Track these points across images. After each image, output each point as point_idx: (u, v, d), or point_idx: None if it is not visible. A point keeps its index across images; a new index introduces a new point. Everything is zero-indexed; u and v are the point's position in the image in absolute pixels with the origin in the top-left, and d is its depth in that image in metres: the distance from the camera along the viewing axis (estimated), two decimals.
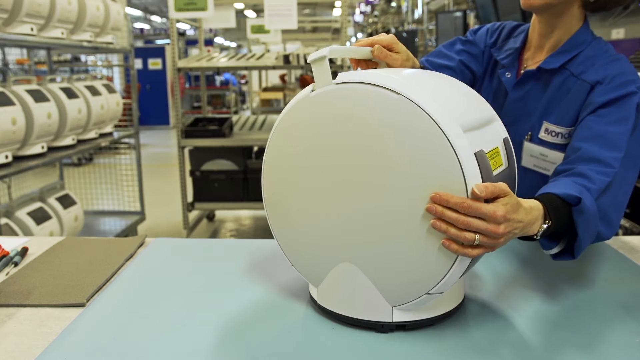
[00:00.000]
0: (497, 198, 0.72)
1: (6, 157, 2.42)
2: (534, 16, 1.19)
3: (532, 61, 1.19)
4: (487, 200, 0.72)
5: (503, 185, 0.73)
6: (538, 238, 0.83)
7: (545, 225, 0.81)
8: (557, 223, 0.84)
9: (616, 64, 1.09)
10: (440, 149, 0.71)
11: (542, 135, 1.14)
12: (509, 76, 1.20)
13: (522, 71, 1.20)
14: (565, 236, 0.91)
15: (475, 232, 0.71)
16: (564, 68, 1.12)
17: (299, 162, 0.83)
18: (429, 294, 0.77)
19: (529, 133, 1.17)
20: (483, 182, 0.72)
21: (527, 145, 1.16)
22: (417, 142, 0.72)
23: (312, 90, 0.81)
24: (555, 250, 0.92)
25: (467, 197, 0.71)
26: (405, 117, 0.72)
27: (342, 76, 0.78)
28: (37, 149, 2.63)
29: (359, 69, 0.98)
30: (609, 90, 1.04)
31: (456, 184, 0.71)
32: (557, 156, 1.12)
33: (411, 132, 0.72)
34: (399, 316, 0.81)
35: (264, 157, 0.89)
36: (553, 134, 1.12)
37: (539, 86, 1.16)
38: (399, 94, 0.73)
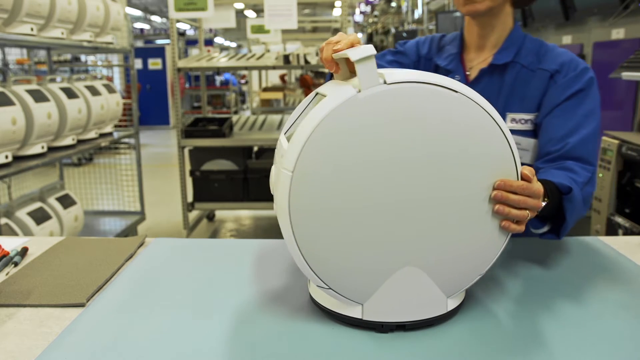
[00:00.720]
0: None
1: (6, 157, 2.42)
2: (467, 21, 1.27)
3: (477, 61, 1.27)
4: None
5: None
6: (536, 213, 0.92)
7: (544, 203, 0.90)
8: (550, 205, 0.97)
9: (564, 53, 1.21)
10: (498, 141, 0.78)
11: (509, 125, 1.22)
12: (458, 78, 1.25)
13: (468, 72, 1.28)
14: (553, 219, 1.05)
15: (527, 209, 0.82)
16: (513, 62, 1.22)
17: (352, 171, 0.75)
18: (480, 274, 0.84)
19: None
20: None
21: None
22: (478, 136, 0.77)
23: (359, 91, 0.74)
24: (543, 230, 1.06)
25: (518, 179, 0.80)
26: (466, 113, 0.76)
27: (390, 76, 0.75)
28: (37, 149, 2.63)
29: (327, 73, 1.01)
30: (571, 81, 1.16)
31: (511, 170, 0.80)
32: (530, 142, 1.21)
33: (472, 127, 0.76)
34: (451, 304, 0.84)
35: (289, 171, 0.75)
36: (522, 121, 1.21)
37: (493, 82, 1.23)
38: (457, 92, 0.75)
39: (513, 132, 1.19)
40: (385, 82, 0.74)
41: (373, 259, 0.79)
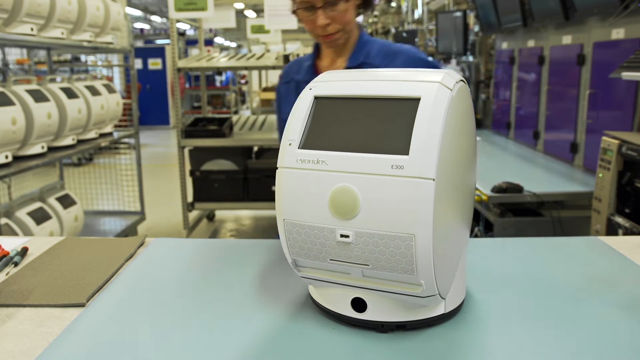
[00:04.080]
0: None
1: (6, 157, 2.42)
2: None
3: (332, 68, 1.41)
4: None
5: None
6: None
7: None
8: None
9: (410, 54, 1.36)
10: None
11: None
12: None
13: None
14: None
15: None
16: (365, 63, 1.37)
17: (453, 162, 0.78)
18: None
19: None
20: None
21: None
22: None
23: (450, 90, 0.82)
24: None
25: None
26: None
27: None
28: (37, 149, 2.63)
29: None
30: None
31: None
32: None
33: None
34: (451, 305, 0.87)
35: (429, 179, 0.69)
36: None
37: None
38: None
39: None
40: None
41: (460, 244, 0.85)
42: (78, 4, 2.94)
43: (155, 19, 16.64)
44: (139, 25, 15.81)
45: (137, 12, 14.63)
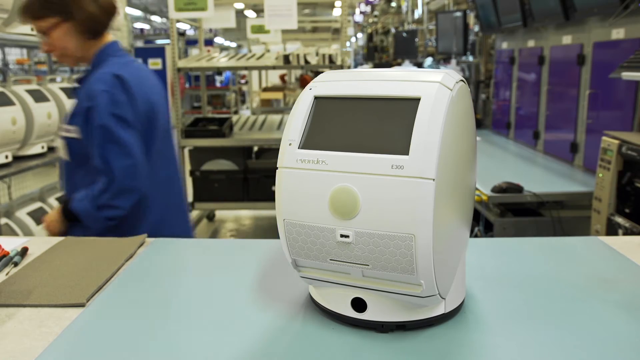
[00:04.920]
0: None
1: (6, 157, 2.42)
2: None
3: None
4: None
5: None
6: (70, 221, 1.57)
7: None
8: (69, 215, 1.55)
9: (95, 82, 1.50)
10: None
11: (61, 133, 1.59)
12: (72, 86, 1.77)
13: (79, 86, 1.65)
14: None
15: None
16: (85, 82, 1.55)
17: (453, 162, 0.80)
18: None
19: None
20: None
21: (58, 142, 1.60)
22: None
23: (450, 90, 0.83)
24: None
25: None
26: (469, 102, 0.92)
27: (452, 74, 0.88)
28: (37, 149, 2.64)
29: None
30: (97, 116, 1.46)
31: None
32: (69, 145, 1.59)
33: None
34: (451, 305, 0.87)
35: (429, 179, 0.69)
36: (68, 131, 1.56)
37: (76, 99, 1.59)
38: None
39: (63, 138, 1.57)
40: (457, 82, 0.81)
41: (460, 244, 0.85)
42: None
43: (155, 19, 16.64)
44: (139, 25, 15.82)
45: (137, 12, 14.64)
